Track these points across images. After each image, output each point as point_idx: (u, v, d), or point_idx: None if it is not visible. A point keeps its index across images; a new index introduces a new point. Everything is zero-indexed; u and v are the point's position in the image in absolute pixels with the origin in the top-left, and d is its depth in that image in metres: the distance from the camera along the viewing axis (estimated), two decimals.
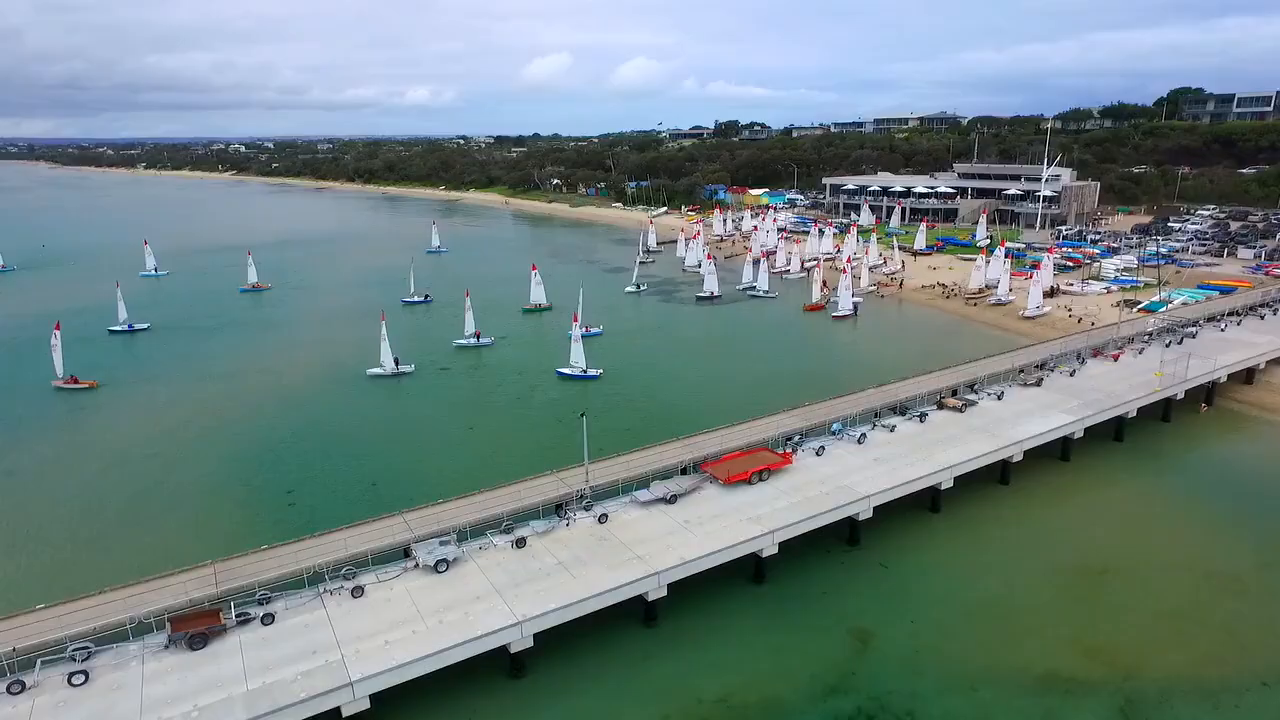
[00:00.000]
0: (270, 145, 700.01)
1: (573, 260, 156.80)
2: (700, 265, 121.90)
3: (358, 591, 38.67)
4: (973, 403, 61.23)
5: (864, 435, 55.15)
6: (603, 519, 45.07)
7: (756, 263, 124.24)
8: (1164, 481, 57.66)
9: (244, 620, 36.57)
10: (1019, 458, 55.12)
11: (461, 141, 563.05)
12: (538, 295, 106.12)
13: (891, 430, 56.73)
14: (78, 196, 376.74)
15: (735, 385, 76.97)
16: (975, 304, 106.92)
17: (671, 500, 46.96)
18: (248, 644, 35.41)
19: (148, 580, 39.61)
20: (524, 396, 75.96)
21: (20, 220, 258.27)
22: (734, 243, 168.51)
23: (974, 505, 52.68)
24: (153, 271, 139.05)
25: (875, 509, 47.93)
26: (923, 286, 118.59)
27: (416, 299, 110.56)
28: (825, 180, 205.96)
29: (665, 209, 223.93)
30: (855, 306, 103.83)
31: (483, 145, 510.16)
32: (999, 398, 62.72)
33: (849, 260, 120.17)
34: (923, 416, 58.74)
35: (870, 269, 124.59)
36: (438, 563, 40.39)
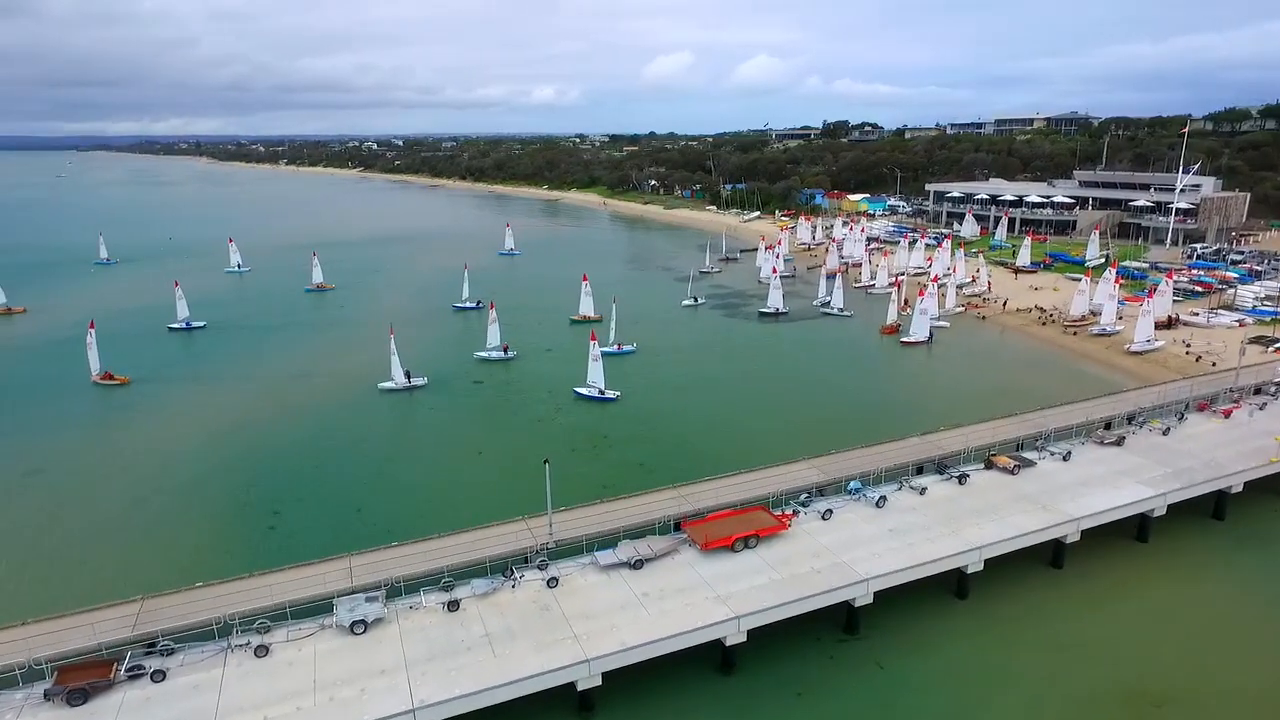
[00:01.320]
0: (400, 142, 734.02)
1: (647, 266, 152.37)
2: (775, 276, 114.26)
3: (261, 651, 35.45)
4: (1029, 463, 52.03)
5: (884, 498, 47.45)
6: (552, 583, 40.09)
7: (831, 277, 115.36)
8: (1273, 579, 46.71)
9: (136, 674, 34.05)
10: (1075, 537, 45.88)
11: (577, 140, 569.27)
12: (586, 306, 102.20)
13: (921, 493, 48.69)
14: (218, 190, 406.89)
15: (768, 421, 69.95)
16: (1075, 333, 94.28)
17: (637, 565, 41.37)
18: (129, 704, 32.78)
19: (68, 615, 37.97)
20: (541, 418, 71.84)
21: (160, 212, 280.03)
22: (824, 251, 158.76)
23: (1010, 594, 44.08)
24: (236, 268, 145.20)
25: (878, 594, 40.57)
26: (1018, 309, 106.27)
27: (468, 305, 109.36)
28: (929, 186, 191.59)
29: (758, 213, 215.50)
30: (930, 332, 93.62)
31: (597, 144, 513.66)
32: (1065, 458, 53.08)
33: (934, 279, 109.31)
34: (963, 478, 50.23)
35: (958, 288, 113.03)
36: (354, 624, 36.67)
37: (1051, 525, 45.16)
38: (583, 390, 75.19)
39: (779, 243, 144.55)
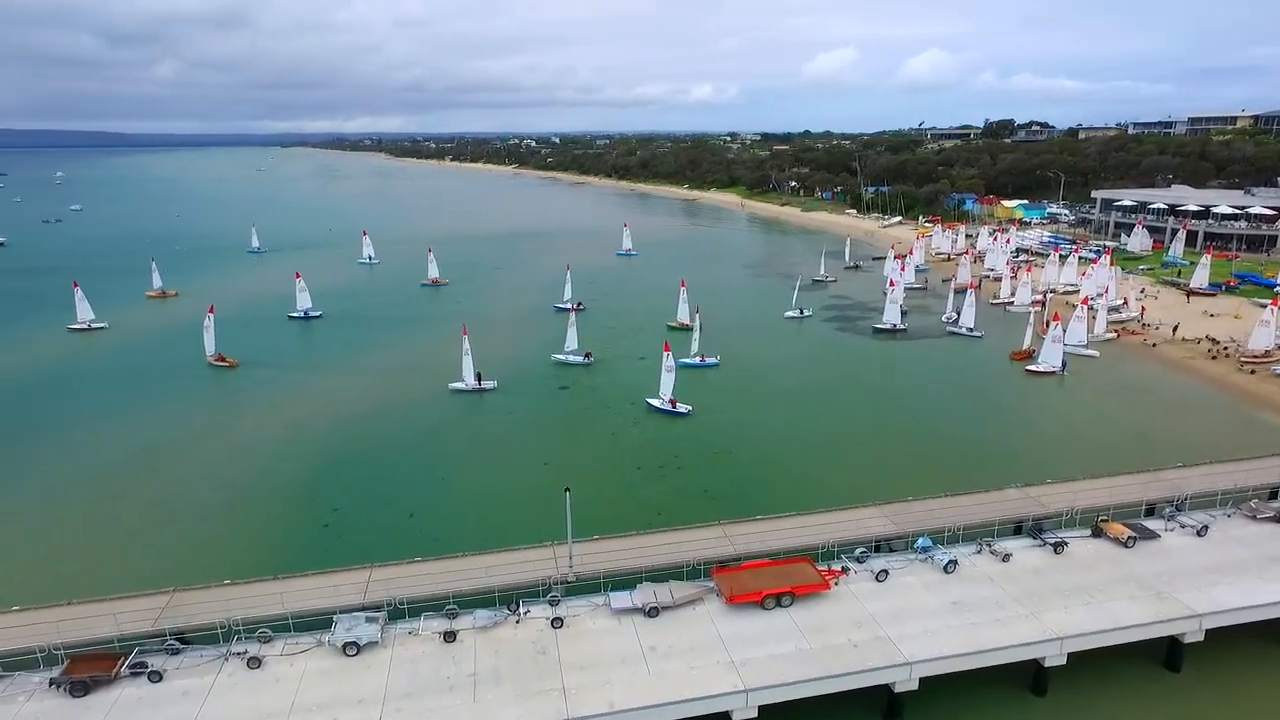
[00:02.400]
0: (557, 140, 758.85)
1: (766, 271, 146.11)
2: (893, 289, 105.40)
3: (254, 663, 35.05)
4: (1150, 535, 43.41)
5: (954, 562, 40.91)
6: (557, 623, 37.28)
7: (962, 292, 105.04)
8: None
9: (137, 672, 34.61)
10: (1198, 636, 37.44)
11: (727, 139, 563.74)
12: (682, 313, 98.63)
13: (1003, 560, 41.65)
14: (383, 184, 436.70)
15: (848, 454, 63.58)
16: (1252, 371, 79.94)
17: (652, 613, 37.74)
18: (122, 703, 33.22)
19: (103, 600, 39.51)
20: (614, 431, 69.05)
21: (328, 204, 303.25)
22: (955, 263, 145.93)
23: (1102, 698, 36.56)
24: (368, 260, 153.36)
25: (926, 680, 34.70)
26: (1184, 339, 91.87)
27: (567, 306, 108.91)
28: (1096, 193, 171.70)
29: (900, 218, 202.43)
30: (1064, 360, 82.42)
31: (747, 143, 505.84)
32: (1199, 533, 43.87)
33: (1084, 300, 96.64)
34: (1060, 546, 42.56)
35: (1111, 310, 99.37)
36: (346, 645, 35.60)
37: (1163, 620, 37.02)
38: (654, 402, 72.00)
39: (910, 252, 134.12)
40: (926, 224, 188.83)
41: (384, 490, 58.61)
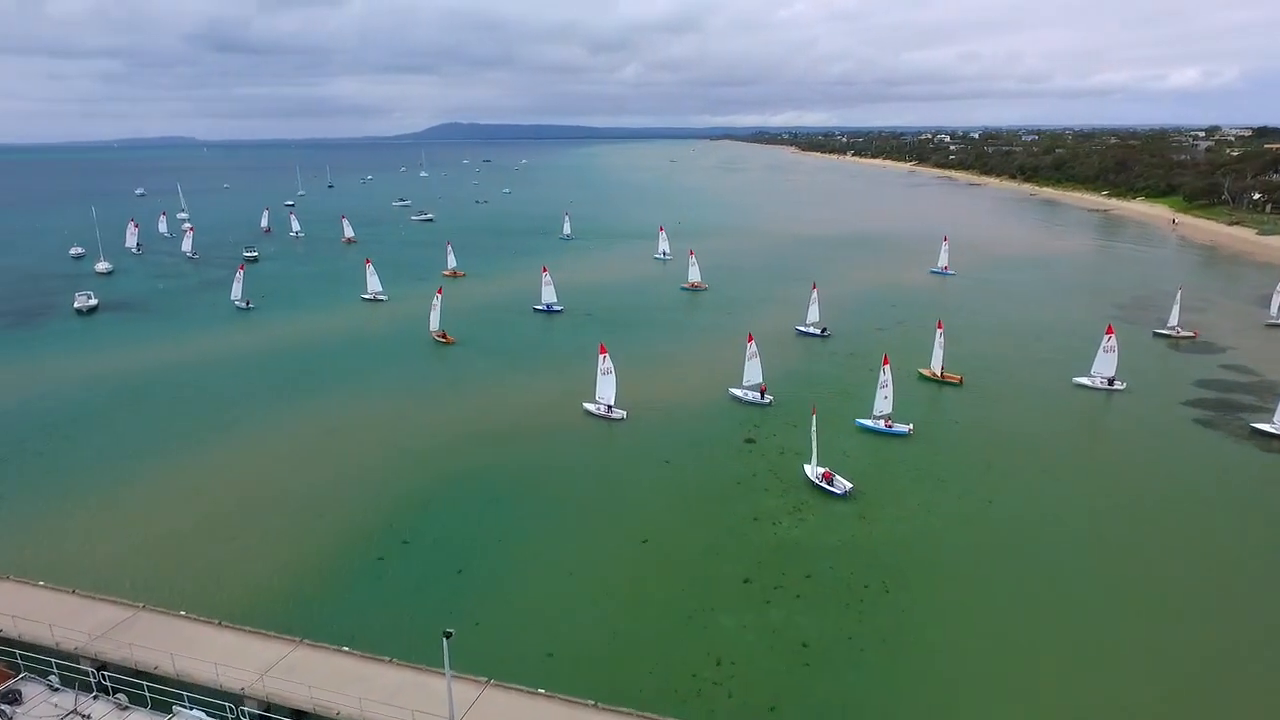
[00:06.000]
0: (976, 136, 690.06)
1: (1138, 318, 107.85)
2: None
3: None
4: None
5: None
6: None
7: None
8: None
9: (8, 700, 33.83)
10: None
11: (1199, 135, 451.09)
12: (937, 361, 76.20)
13: None
14: (768, 177, 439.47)
15: (1155, 669, 40.20)
16: None
17: None
18: None
19: (81, 596, 40.56)
20: (762, 515, 53.66)
21: (697, 195, 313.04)
22: None
23: None
24: (662, 255, 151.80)
25: None
26: None
27: (811, 330, 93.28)
28: None
29: None
30: None
31: (1231, 139, 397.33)
32: None
33: None
34: None
35: None
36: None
37: None
38: (814, 478, 55.53)
39: None
40: None
41: (453, 530, 52.97)
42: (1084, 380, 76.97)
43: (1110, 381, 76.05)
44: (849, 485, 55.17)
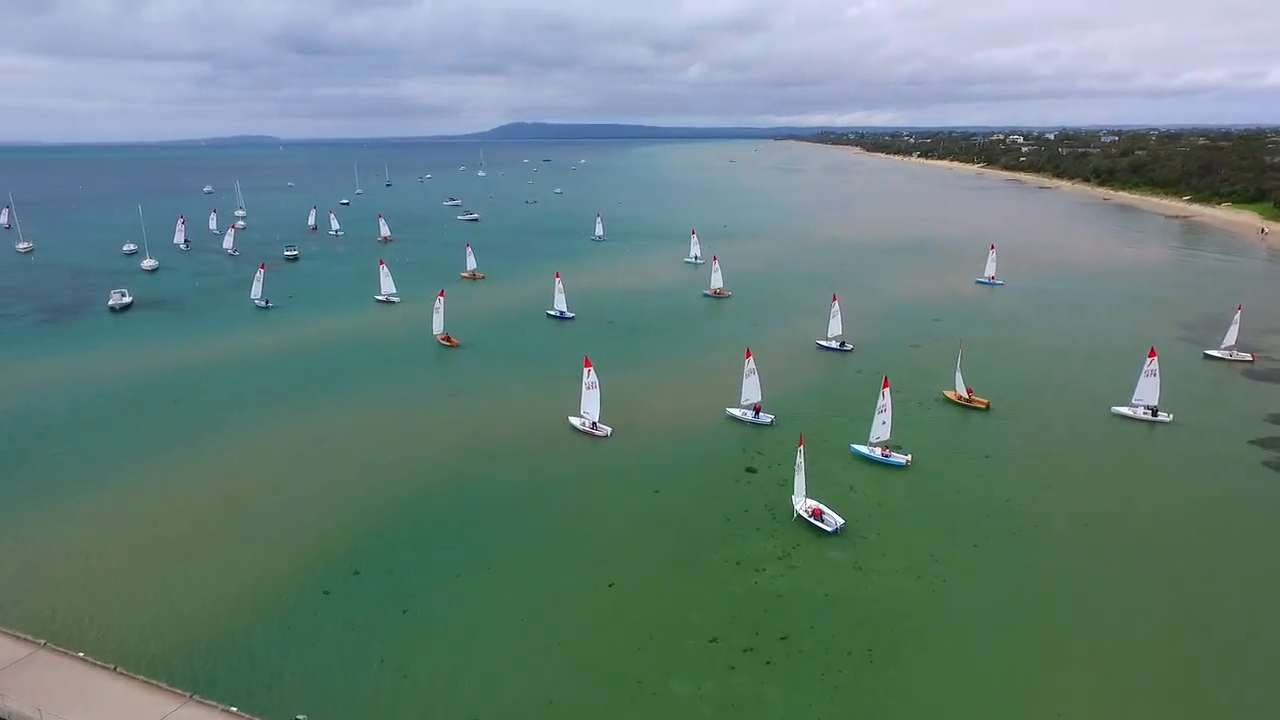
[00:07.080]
0: (1051, 137, 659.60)
1: (1200, 339, 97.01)
2: None
3: None
4: None
5: None
6: None
7: None
8: None
9: None
10: None
11: None
12: (959, 384, 69.09)
13: None
14: (827, 178, 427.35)
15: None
16: None
17: None
18: None
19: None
20: (744, 559, 48.34)
21: (750, 197, 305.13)
22: None
23: None
24: (694, 259, 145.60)
25: None
26: None
27: (831, 345, 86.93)
28: None
29: None
30: None
31: None
32: None
33: None
34: None
35: None
36: None
37: None
38: (803, 513, 50.11)
39: None
40: None
41: (410, 565, 49.05)
42: (1124, 410, 68.41)
43: (1154, 412, 67.40)
44: (840, 521, 49.58)
